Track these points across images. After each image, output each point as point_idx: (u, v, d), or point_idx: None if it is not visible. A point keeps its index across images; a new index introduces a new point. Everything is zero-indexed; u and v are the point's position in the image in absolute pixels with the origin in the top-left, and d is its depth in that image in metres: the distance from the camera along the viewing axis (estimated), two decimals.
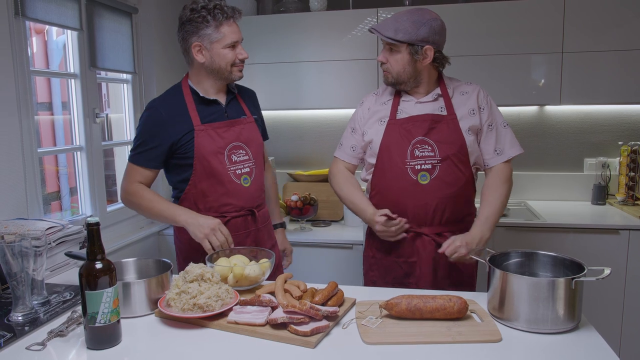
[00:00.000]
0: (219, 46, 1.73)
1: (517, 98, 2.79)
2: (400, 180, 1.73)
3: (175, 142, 1.75)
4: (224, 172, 1.78)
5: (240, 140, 1.83)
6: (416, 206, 1.72)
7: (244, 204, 1.84)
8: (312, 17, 2.92)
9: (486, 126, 1.77)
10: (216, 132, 1.78)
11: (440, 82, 1.80)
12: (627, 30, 2.61)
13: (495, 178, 1.78)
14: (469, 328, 1.25)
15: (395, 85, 1.77)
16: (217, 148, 1.77)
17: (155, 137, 1.74)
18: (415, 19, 1.65)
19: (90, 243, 1.18)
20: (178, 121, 1.75)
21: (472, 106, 1.76)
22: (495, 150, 1.78)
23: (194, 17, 1.71)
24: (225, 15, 1.71)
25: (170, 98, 1.81)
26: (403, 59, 1.70)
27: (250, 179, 1.84)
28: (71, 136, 2.44)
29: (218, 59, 1.74)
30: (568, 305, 1.23)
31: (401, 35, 1.65)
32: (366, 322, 1.28)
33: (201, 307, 1.28)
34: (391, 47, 1.70)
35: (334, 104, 3.00)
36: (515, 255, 1.44)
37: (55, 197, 3.01)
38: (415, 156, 1.72)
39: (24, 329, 1.29)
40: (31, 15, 2.01)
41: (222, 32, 1.72)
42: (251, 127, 1.88)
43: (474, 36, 2.74)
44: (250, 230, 1.87)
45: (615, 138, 3.00)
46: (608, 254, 2.51)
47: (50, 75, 2.76)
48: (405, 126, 1.74)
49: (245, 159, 1.83)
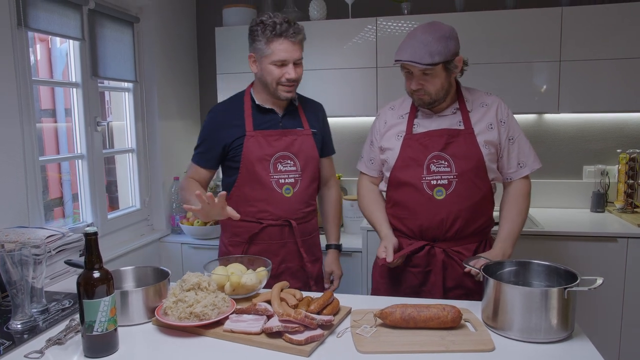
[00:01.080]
0: (267, 61, 1.77)
1: (515, 106, 2.77)
2: (416, 195, 1.71)
3: (227, 145, 1.84)
4: (267, 179, 1.82)
5: (290, 150, 1.86)
6: (431, 222, 1.70)
7: (283, 213, 1.85)
8: (312, 25, 2.93)
9: (507, 140, 1.74)
10: (266, 139, 1.83)
11: (459, 94, 1.76)
12: (625, 39, 2.62)
13: (515, 193, 1.76)
14: (463, 337, 1.26)
15: (431, 105, 1.71)
16: (264, 155, 1.82)
17: (212, 139, 1.86)
18: (439, 35, 1.59)
19: (88, 252, 1.20)
20: (233, 125, 1.84)
21: (490, 120, 1.73)
22: (519, 164, 1.76)
23: (252, 29, 1.79)
24: (275, 33, 1.74)
25: (231, 103, 1.91)
26: (440, 79, 1.64)
27: (293, 189, 1.86)
28: (73, 144, 2.46)
29: (265, 73, 1.79)
30: (561, 314, 1.24)
31: (438, 58, 1.58)
32: (361, 331, 1.29)
33: (197, 316, 1.30)
34: (425, 71, 1.62)
35: (334, 112, 3.00)
36: (510, 265, 1.45)
37: (58, 204, 3.04)
38: (432, 171, 1.70)
39: (23, 336, 1.31)
40: (33, 25, 2.04)
41: (271, 49, 1.75)
42: (306, 139, 1.89)
43: (473, 45, 2.75)
44: (287, 241, 1.89)
45: (614, 146, 3.01)
46: (607, 262, 2.51)
47: (52, 84, 2.79)
48: (422, 141, 1.72)
49: (292, 170, 1.86)
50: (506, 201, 1.78)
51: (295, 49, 1.78)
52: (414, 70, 1.63)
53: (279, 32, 1.74)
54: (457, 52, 1.65)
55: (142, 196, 2.89)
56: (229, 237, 1.93)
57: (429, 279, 1.76)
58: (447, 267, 1.73)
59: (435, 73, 1.62)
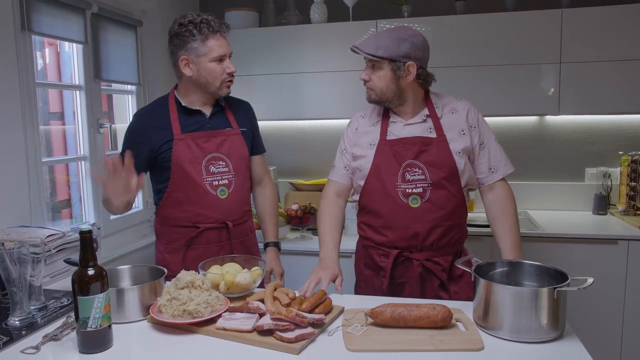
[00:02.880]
0: (206, 60, 1.75)
1: (516, 108, 2.81)
2: (391, 204, 1.70)
3: (155, 150, 1.80)
4: (200, 182, 1.80)
5: (220, 151, 1.84)
6: (407, 230, 1.69)
7: (219, 216, 1.84)
8: (313, 29, 2.97)
9: (478, 145, 1.73)
10: (195, 142, 1.80)
11: (428, 101, 1.76)
12: (625, 41, 2.62)
13: (500, 198, 1.74)
14: (452, 337, 1.27)
15: (379, 103, 1.74)
16: (194, 158, 1.80)
17: (139, 144, 1.79)
18: (396, 35, 1.63)
19: (83, 250, 1.22)
20: (160, 129, 1.80)
21: (462, 126, 1.72)
22: (490, 169, 1.74)
23: (181, 31, 1.75)
24: (212, 29, 1.74)
25: (155, 107, 1.87)
26: (386, 76, 1.66)
27: (227, 191, 1.84)
28: (75, 145, 2.50)
29: (205, 72, 1.77)
30: (551, 314, 1.24)
31: (382, 52, 1.62)
32: (351, 329, 1.31)
33: (190, 314, 1.32)
34: (373, 64, 1.67)
35: (335, 114, 3.03)
36: (501, 265, 1.46)
37: (65, 205, 3.08)
38: (407, 180, 1.69)
39: (21, 332, 1.33)
40: (37, 29, 2.08)
41: (208, 46, 1.74)
42: (235, 139, 1.88)
43: (473, 47, 2.77)
44: (224, 243, 1.87)
45: (616, 148, 3.00)
46: (608, 264, 2.50)
47: (54, 87, 2.83)
48: (395, 148, 1.71)
49: (225, 171, 1.84)
50: (494, 208, 1.75)
51: (227, 43, 1.80)
52: (365, 60, 1.69)
53: (215, 29, 1.74)
54: (410, 57, 1.64)
55: (145, 197, 2.92)
56: (165, 244, 1.89)
57: (403, 290, 1.73)
58: (425, 280, 1.72)
59: (381, 68, 1.66)
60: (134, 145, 1.79)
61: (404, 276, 1.74)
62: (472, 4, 2.97)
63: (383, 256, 1.76)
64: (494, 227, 1.76)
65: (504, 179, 1.76)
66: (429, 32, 2.73)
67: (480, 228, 2.67)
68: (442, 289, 1.73)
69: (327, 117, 3.15)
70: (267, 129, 3.27)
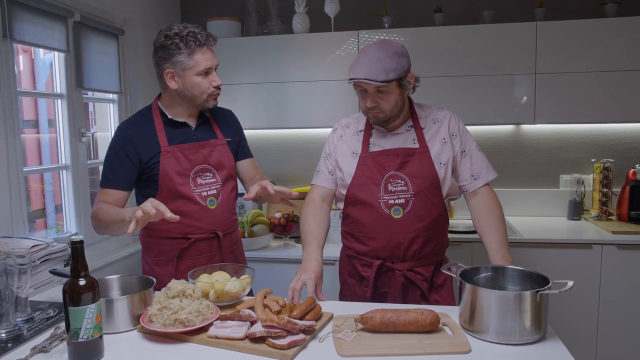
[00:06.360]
0: (192, 73, 1.73)
1: (493, 117, 2.89)
2: (373, 214, 1.71)
3: (143, 163, 1.77)
4: (189, 194, 1.79)
5: (208, 163, 1.83)
6: (389, 241, 1.70)
7: (209, 226, 1.84)
8: (295, 39, 3.00)
9: (460, 153, 1.76)
10: (183, 154, 1.79)
11: (412, 111, 1.78)
12: (597, 53, 2.73)
13: (485, 201, 1.76)
14: (440, 340, 1.30)
15: (386, 123, 1.72)
16: (183, 170, 1.79)
17: (124, 159, 1.77)
18: (391, 52, 1.61)
19: (74, 260, 1.22)
20: (146, 142, 1.78)
21: (443, 135, 1.75)
22: (472, 176, 1.77)
23: (167, 44, 1.71)
24: (198, 42, 1.71)
25: (140, 120, 1.84)
26: (395, 96, 1.65)
27: (216, 201, 1.84)
28: (57, 155, 2.47)
29: (191, 86, 1.75)
30: (534, 317, 1.29)
31: (392, 75, 1.59)
32: (342, 335, 1.33)
33: (182, 322, 1.32)
34: (379, 89, 1.62)
35: (317, 123, 3.07)
36: (485, 270, 1.50)
37: (40, 215, 3.02)
38: (389, 191, 1.70)
39: (7, 345, 1.32)
40: (18, 37, 2.05)
41: (194, 60, 1.72)
42: (222, 149, 1.88)
43: (451, 58, 2.84)
44: (215, 253, 1.86)
45: (588, 155, 3.11)
46: (582, 268, 2.59)
47: (37, 95, 2.79)
48: (378, 159, 1.72)
49: (212, 182, 1.84)
50: (481, 212, 1.76)
51: (214, 55, 1.78)
52: (369, 87, 1.63)
53: (202, 42, 1.72)
54: (409, 68, 1.66)
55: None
56: (154, 257, 1.86)
57: (385, 300, 1.75)
58: (407, 290, 1.74)
59: (390, 90, 1.63)
60: (120, 160, 1.77)
61: (386, 286, 1.76)
62: (450, 16, 3.05)
63: (366, 266, 1.78)
64: (479, 229, 1.76)
65: (487, 184, 1.80)
66: (409, 43, 2.77)
67: (460, 235, 2.74)
68: (423, 299, 1.75)
69: (310, 126, 3.19)
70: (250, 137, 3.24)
